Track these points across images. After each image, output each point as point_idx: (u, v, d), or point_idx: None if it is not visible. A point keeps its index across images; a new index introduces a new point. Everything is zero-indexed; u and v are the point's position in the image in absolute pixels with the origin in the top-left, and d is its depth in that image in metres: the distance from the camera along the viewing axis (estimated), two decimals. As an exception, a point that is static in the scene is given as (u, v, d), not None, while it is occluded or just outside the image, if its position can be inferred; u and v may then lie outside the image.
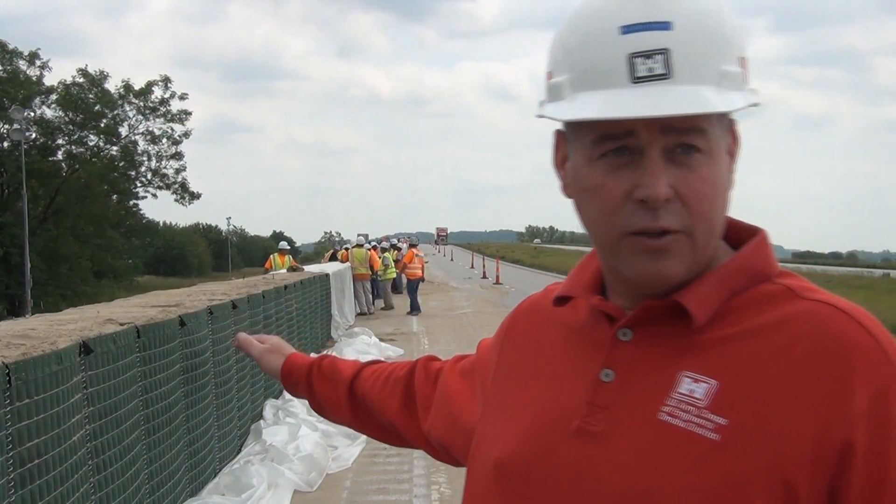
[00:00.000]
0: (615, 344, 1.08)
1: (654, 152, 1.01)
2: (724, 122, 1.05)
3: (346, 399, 1.61)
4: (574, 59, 1.05)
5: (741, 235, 1.12)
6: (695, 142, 1.01)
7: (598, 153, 1.04)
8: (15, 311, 34.37)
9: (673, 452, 0.99)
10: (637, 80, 1.00)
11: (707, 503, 0.96)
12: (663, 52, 0.99)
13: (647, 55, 0.99)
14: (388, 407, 1.54)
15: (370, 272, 21.54)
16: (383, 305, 22.62)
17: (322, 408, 1.66)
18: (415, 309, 21.15)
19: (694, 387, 1.01)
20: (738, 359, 1.01)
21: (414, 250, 23.49)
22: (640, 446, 1.01)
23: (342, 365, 1.65)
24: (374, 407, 1.57)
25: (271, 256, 19.30)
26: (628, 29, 1.00)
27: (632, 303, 1.09)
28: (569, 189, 1.11)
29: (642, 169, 1.01)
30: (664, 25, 1.00)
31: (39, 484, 3.41)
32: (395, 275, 23.67)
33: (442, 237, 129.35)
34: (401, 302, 22.98)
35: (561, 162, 1.13)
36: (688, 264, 1.04)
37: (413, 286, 22.04)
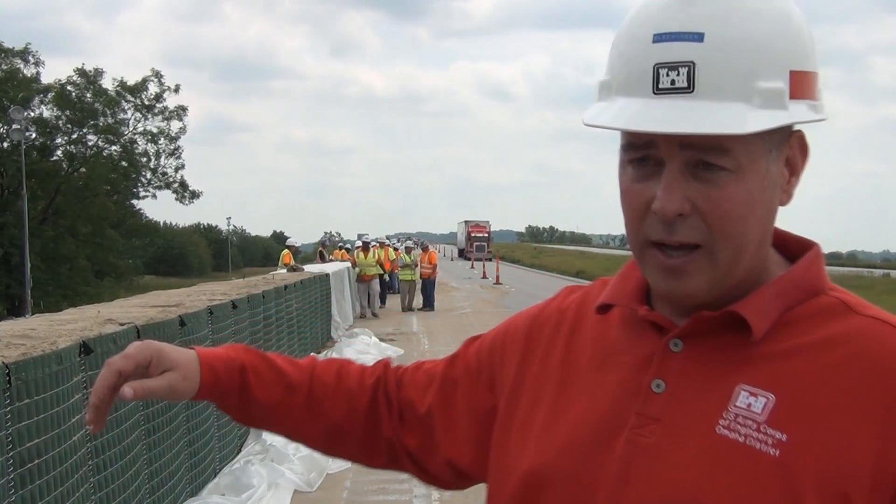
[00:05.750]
0: (666, 355, 1.06)
1: (674, 166, 1.00)
2: (775, 135, 1.01)
3: (301, 405, 1.31)
4: (615, 62, 1.04)
5: (791, 248, 1.11)
6: (716, 161, 0.99)
7: (627, 159, 1.04)
8: (15, 311, 34.38)
9: (732, 467, 0.98)
10: (659, 91, 0.98)
11: None
12: (688, 64, 0.97)
13: (672, 66, 0.98)
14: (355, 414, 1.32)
15: (381, 272, 21.42)
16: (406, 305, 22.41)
17: (261, 417, 1.31)
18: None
19: (752, 400, 0.99)
20: (795, 373, 1.00)
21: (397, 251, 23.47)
22: (697, 459, 0.99)
23: (282, 363, 1.34)
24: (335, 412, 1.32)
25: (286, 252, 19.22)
26: (660, 38, 0.99)
27: (678, 313, 1.08)
28: None
29: (661, 181, 1.00)
30: (696, 37, 0.97)
31: (39, 484, 3.41)
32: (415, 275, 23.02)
33: (480, 240, 62.56)
34: (396, 303, 22.98)
35: None
36: (709, 282, 1.02)
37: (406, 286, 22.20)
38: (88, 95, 43.59)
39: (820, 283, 1.07)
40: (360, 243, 22.82)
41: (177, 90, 45.34)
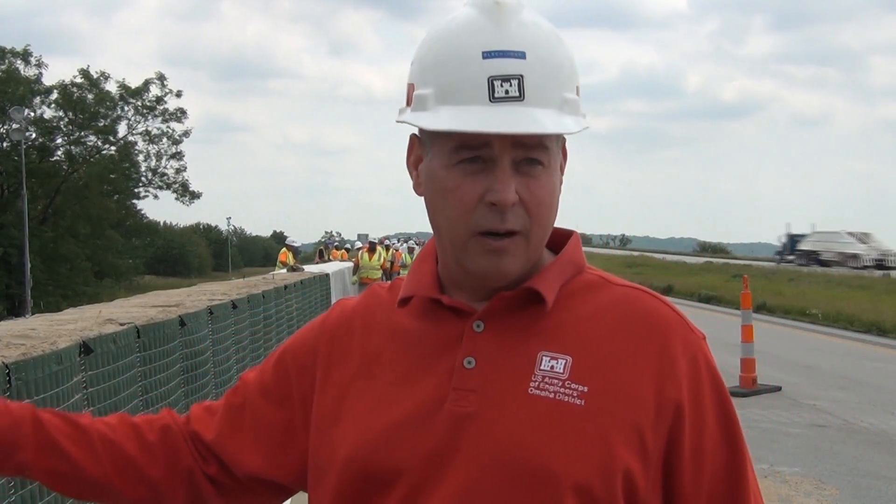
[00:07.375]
0: (472, 335, 1.20)
1: (505, 162, 1.15)
2: (560, 140, 1.21)
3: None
4: (437, 76, 1.18)
5: (554, 237, 1.26)
6: (539, 157, 1.16)
7: (455, 160, 1.17)
8: (15, 311, 34.41)
9: (548, 420, 1.14)
10: (495, 99, 1.13)
11: (581, 458, 1.12)
12: (518, 77, 1.14)
13: (505, 79, 1.14)
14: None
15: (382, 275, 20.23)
16: None
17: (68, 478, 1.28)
18: None
19: (553, 363, 1.17)
20: (583, 336, 1.18)
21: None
22: (517, 418, 1.14)
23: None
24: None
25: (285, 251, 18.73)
26: (489, 55, 1.14)
27: (473, 298, 1.22)
28: (421, 188, 1.24)
29: (494, 176, 1.15)
30: (520, 54, 1.14)
31: (40, 484, 3.41)
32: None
33: None
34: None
35: (415, 163, 1.26)
36: (522, 262, 1.19)
37: None
38: (90, 97, 43.61)
39: (582, 262, 1.26)
40: (360, 244, 22.46)
41: (178, 95, 45.44)
